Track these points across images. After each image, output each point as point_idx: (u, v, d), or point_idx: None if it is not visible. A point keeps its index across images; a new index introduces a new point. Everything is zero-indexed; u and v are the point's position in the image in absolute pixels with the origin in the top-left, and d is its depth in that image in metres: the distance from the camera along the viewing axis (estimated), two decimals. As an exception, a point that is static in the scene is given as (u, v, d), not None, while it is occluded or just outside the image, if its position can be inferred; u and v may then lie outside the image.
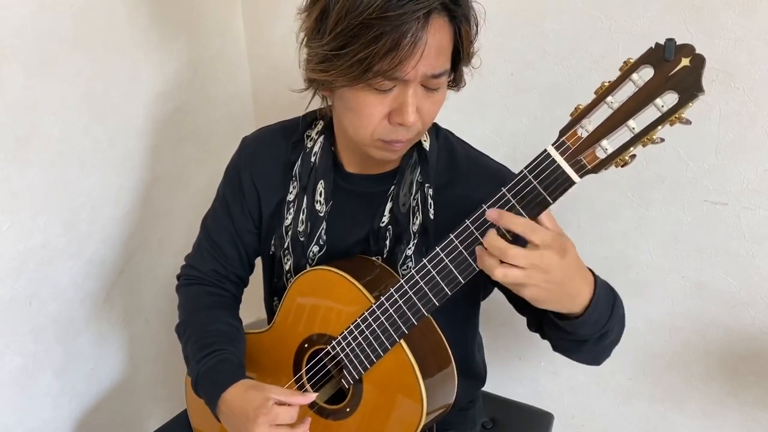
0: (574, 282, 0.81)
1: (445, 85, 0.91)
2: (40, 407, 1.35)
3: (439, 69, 0.85)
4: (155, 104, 1.44)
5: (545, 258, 0.76)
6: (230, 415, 0.96)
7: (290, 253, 1.07)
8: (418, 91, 0.87)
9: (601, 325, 0.87)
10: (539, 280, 0.77)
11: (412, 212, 1.01)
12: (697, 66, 0.69)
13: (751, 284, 1.26)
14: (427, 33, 0.81)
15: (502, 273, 0.76)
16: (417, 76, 0.84)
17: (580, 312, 0.84)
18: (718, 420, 1.39)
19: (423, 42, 0.81)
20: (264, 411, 0.90)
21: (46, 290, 1.29)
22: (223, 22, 1.61)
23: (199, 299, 1.14)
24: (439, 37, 0.83)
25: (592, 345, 0.90)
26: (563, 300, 0.81)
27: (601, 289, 0.85)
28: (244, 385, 0.97)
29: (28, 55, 1.14)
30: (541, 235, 0.76)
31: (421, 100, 0.88)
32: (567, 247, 0.79)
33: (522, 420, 1.37)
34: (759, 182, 1.19)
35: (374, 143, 0.92)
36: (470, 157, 1.06)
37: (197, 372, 1.02)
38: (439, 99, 0.91)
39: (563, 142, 0.77)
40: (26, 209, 1.21)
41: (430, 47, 0.82)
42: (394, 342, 0.91)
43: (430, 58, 0.83)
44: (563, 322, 0.86)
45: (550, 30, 1.28)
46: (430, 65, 0.84)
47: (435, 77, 0.86)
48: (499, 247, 0.77)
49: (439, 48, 0.84)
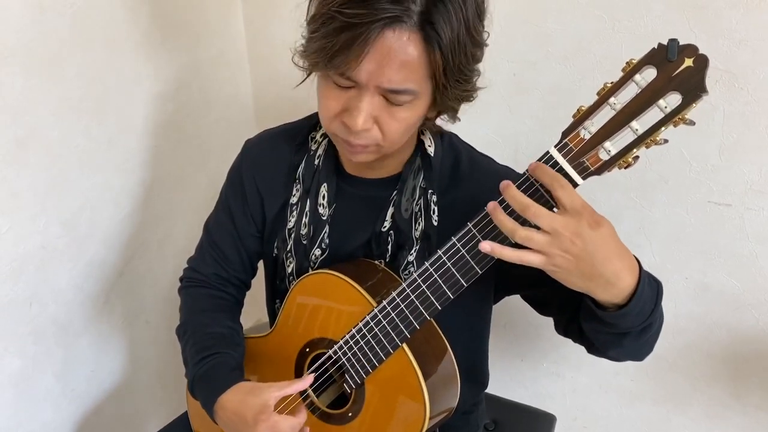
0: (610, 263, 0.75)
1: (418, 106, 0.86)
2: (40, 410, 1.34)
3: (398, 85, 0.81)
4: (155, 105, 1.43)
5: (572, 225, 0.72)
6: (227, 420, 0.96)
7: (293, 256, 1.07)
8: (376, 100, 0.83)
9: (644, 317, 0.81)
10: (565, 248, 0.73)
11: (414, 218, 0.99)
12: (701, 66, 0.68)
13: (755, 286, 1.25)
14: (385, 43, 0.77)
15: (525, 234, 0.73)
16: (370, 83, 0.81)
17: (622, 302, 0.78)
18: (720, 422, 1.39)
19: (378, 50, 0.78)
20: (263, 417, 0.90)
21: (46, 292, 1.29)
22: (223, 23, 1.60)
23: (199, 302, 1.14)
24: (403, 53, 0.78)
25: (633, 339, 0.84)
26: (596, 280, 0.76)
27: (646, 278, 0.80)
28: (242, 390, 0.96)
29: (28, 55, 1.13)
30: (570, 195, 0.73)
31: (380, 112, 0.85)
32: (601, 222, 0.74)
33: (524, 422, 1.36)
34: (763, 183, 1.18)
35: (335, 138, 0.92)
36: (474, 161, 1.04)
37: (194, 375, 1.01)
38: (404, 117, 0.86)
39: (566, 143, 0.76)
40: (26, 210, 1.20)
41: (387, 58, 0.78)
42: (396, 346, 0.91)
43: (387, 70, 0.79)
44: (603, 312, 0.80)
45: (552, 30, 1.27)
46: (386, 78, 0.80)
47: (394, 92, 0.82)
48: (522, 202, 0.74)
49: (402, 63, 0.79)
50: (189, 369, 1.04)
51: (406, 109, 0.85)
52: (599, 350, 0.92)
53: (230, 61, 1.65)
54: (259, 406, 0.91)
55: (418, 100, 0.85)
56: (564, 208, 0.73)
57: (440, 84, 0.83)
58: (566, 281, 0.77)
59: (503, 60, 1.34)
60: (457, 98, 0.87)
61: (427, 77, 0.82)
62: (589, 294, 0.79)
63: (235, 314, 1.16)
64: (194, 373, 1.01)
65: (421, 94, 0.84)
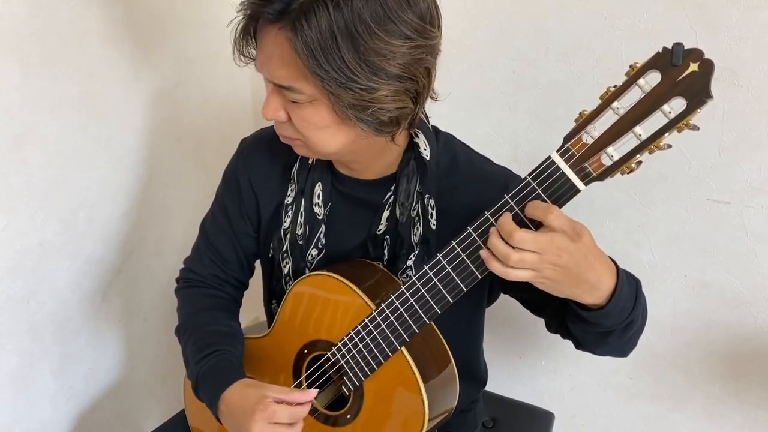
0: (593, 269, 0.79)
1: (319, 108, 0.84)
2: (38, 408, 1.34)
3: (283, 81, 0.82)
4: (153, 102, 1.43)
5: (557, 240, 0.75)
6: (229, 415, 0.96)
7: (289, 256, 1.06)
8: (280, 94, 0.86)
9: (626, 314, 0.85)
10: (552, 262, 0.75)
11: (413, 223, 0.99)
12: (706, 71, 0.68)
13: (754, 283, 1.25)
14: (265, 37, 0.81)
15: (518, 257, 0.75)
16: (266, 76, 0.85)
17: (604, 302, 0.82)
18: (719, 420, 1.39)
19: (262, 44, 0.83)
20: (261, 407, 0.89)
21: (44, 290, 1.28)
22: (221, 20, 1.59)
23: (197, 301, 1.13)
24: (278, 49, 0.79)
25: (617, 336, 0.89)
26: (581, 286, 0.79)
27: (624, 278, 0.84)
28: (243, 383, 0.96)
29: (25, 52, 1.13)
30: (558, 218, 0.75)
31: (289, 106, 0.87)
32: (581, 232, 0.77)
33: (522, 419, 1.36)
34: (762, 181, 1.18)
35: None
36: (472, 162, 1.03)
37: (197, 374, 1.01)
38: (305, 115, 0.85)
39: (568, 148, 0.75)
40: (24, 208, 1.20)
41: (269, 53, 0.82)
42: (395, 349, 0.90)
43: (270, 65, 0.82)
44: (587, 313, 0.84)
45: (552, 27, 1.27)
46: (271, 73, 0.83)
47: (284, 88, 0.84)
48: (507, 230, 0.75)
49: (279, 59, 0.80)
50: (191, 368, 1.03)
51: (307, 109, 0.85)
52: (586, 348, 0.96)
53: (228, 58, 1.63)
54: (258, 397, 0.91)
55: (316, 102, 0.83)
56: (552, 228, 0.76)
57: (325, 87, 0.79)
58: (554, 290, 0.80)
59: (502, 57, 1.34)
60: (353, 106, 0.81)
61: (308, 76, 0.80)
62: (575, 299, 0.83)
63: (233, 313, 1.16)
64: (197, 372, 1.01)
65: (315, 96, 0.82)
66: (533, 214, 0.77)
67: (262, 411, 0.89)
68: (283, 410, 0.90)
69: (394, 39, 0.77)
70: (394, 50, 0.78)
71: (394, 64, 0.78)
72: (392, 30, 0.77)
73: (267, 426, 0.89)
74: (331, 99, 0.81)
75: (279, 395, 0.91)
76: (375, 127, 0.84)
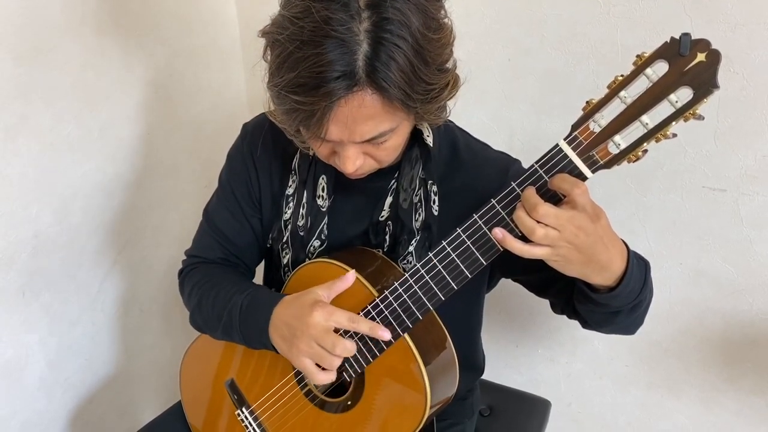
0: (606, 251, 0.80)
1: (401, 131, 0.86)
2: (34, 399, 1.34)
3: (372, 134, 0.82)
4: (147, 92, 1.42)
5: (577, 219, 0.75)
6: (283, 331, 0.93)
7: (289, 247, 1.06)
8: (359, 146, 0.84)
9: (635, 295, 0.86)
10: (569, 240, 0.76)
11: (415, 209, 0.99)
12: (713, 61, 0.68)
13: (749, 271, 1.26)
14: (342, 111, 0.77)
15: (543, 233, 0.75)
16: (344, 140, 0.82)
17: (613, 284, 0.83)
18: (714, 407, 1.40)
19: (338, 119, 0.78)
20: (321, 305, 0.88)
21: (39, 281, 1.28)
22: (216, 9, 1.59)
23: (211, 270, 1.10)
24: (362, 111, 0.78)
25: (625, 316, 0.90)
26: (592, 267, 0.80)
27: (634, 260, 0.85)
28: (290, 297, 0.95)
29: (18, 42, 1.12)
30: (583, 196, 0.76)
31: (369, 150, 0.86)
32: (600, 214, 0.78)
33: (519, 407, 1.37)
34: (757, 168, 1.18)
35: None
36: (472, 147, 1.04)
37: (241, 303, 0.99)
38: (391, 145, 0.87)
39: (575, 136, 0.76)
40: (17, 199, 1.19)
41: (350, 121, 0.79)
42: (398, 336, 0.90)
43: (354, 128, 0.80)
44: (596, 294, 0.85)
45: (547, 15, 1.26)
46: (357, 134, 0.81)
47: (371, 139, 0.83)
48: (533, 202, 0.76)
49: (365, 117, 0.79)
50: (227, 311, 1.00)
51: (391, 139, 0.85)
52: (593, 327, 0.97)
53: (223, 48, 1.64)
54: (312, 299, 0.90)
55: (399, 128, 0.85)
56: (574, 205, 0.76)
57: (412, 110, 0.82)
58: (564, 269, 0.81)
59: (498, 46, 1.33)
60: (436, 111, 0.86)
61: (396, 112, 0.81)
62: (584, 279, 0.83)
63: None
64: (241, 302, 0.98)
65: (400, 123, 0.84)
66: (560, 186, 0.77)
67: (322, 308, 0.88)
68: (342, 314, 0.89)
69: (440, 33, 0.80)
70: (444, 41, 0.81)
71: (447, 51, 0.82)
72: (435, 26, 0.79)
73: (326, 321, 0.87)
74: (416, 116, 0.85)
75: (326, 291, 0.91)
76: (442, 118, 0.90)
